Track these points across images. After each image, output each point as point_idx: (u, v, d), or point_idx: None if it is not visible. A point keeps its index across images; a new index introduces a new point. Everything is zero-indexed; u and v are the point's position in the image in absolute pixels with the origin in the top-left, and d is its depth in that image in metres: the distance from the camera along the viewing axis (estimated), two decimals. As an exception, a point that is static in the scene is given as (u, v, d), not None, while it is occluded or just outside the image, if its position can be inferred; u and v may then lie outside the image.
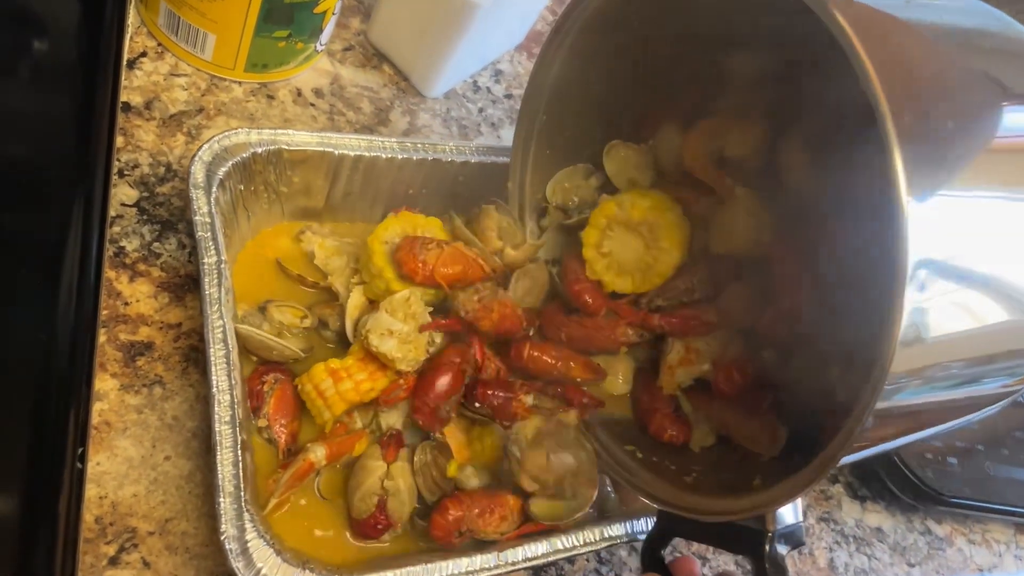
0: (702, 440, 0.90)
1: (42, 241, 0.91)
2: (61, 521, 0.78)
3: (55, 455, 0.81)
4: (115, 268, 0.90)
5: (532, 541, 0.84)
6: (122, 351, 0.87)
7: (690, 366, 0.91)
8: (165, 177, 0.98)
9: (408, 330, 0.88)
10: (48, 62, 1.02)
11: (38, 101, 0.99)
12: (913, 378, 0.57)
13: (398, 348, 0.87)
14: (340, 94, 1.15)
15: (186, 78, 1.06)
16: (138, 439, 0.83)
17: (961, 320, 0.58)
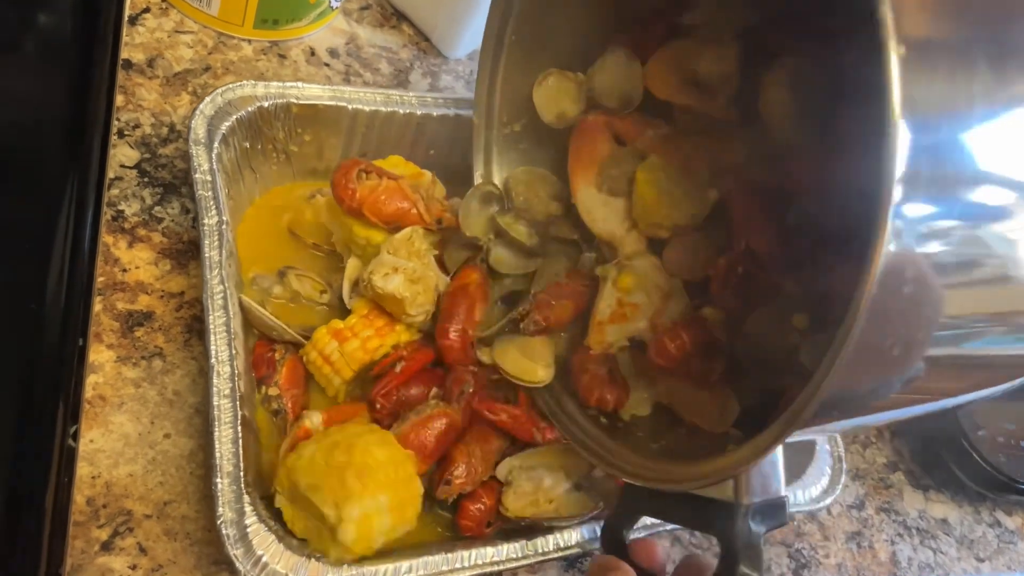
0: (635, 408, 0.78)
1: (33, 202, 0.85)
2: (49, 502, 0.72)
3: (44, 431, 0.74)
4: (113, 233, 0.84)
5: (565, 530, 0.76)
6: (119, 321, 0.80)
7: (623, 322, 0.78)
8: (168, 138, 0.91)
9: (415, 267, 0.80)
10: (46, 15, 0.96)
11: (34, 55, 0.93)
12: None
13: (406, 287, 0.79)
14: (356, 54, 1.08)
15: (191, 35, 0.99)
16: (135, 415, 0.77)
17: (958, 267, 0.46)
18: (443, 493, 0.75)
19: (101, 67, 0.92)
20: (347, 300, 0.85)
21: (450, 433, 0.76)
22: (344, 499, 0.68)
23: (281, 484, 0.72)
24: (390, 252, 0.81)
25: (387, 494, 0.70)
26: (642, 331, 0.77)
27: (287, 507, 0.71)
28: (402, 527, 0.72)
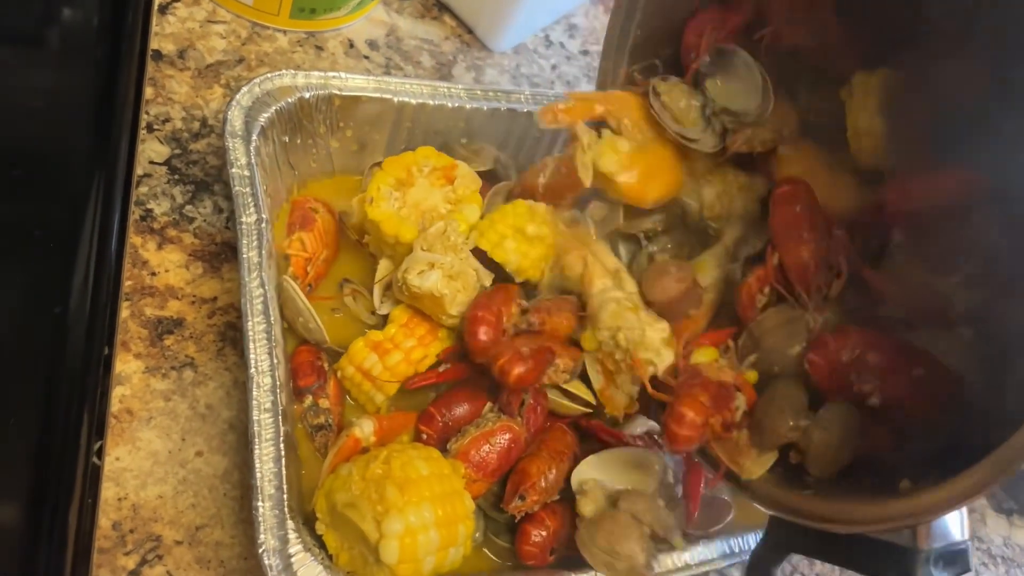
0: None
1: (58, 201, 0.79)
2: (72, 527, 0.65)
3: (67, 448, 0.68)
4: (141, 234, 0.78)
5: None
6: (148, 328, 0.74)
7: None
8: (200, 133, 0.85)
9: (452, 262, 0.73)
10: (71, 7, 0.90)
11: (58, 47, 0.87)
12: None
13: (445, 283, 0.72)
14: (397, 47, 1.02)
15: (224, 25, 0.93)
16: (165, 431, 0.70)
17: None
18: (516, 508, 0.68)
19: (129, 58, 0.86)
20: (378, 305, 0.79)
21: (514, 449, 0.69)
22: (384, 513, 0.61)
23: (320, 508, 0.65)
24: (424, 248, 0.74)
25: (432, 508, 0.63)
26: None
27: (330, 534, 0.65)
28: (453, 549, 0.64)
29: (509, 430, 0.69)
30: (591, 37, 1.16)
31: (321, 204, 0.82)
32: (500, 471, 0.69)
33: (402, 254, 0.78)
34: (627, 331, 0.71)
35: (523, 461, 0.70)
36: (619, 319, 0.72)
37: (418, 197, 0.79)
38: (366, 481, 0.63)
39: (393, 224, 0.77)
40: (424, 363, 0.76)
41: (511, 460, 0.69)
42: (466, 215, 0.79)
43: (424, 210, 0.79)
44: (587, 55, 1.14)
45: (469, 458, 0.67)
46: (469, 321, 0.73)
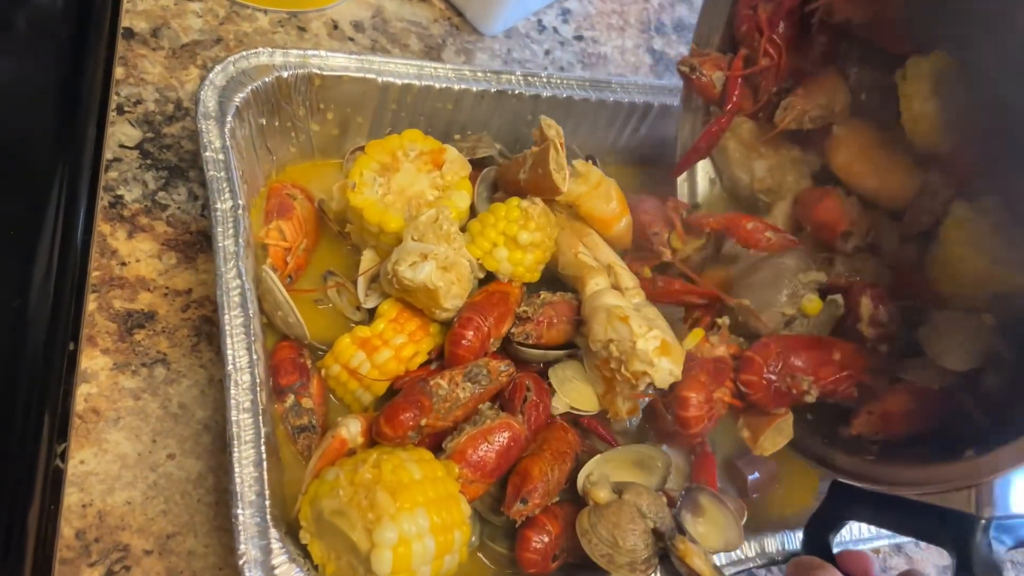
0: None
1: (19, 185, 0.74)
2: (31, 536, 0.61)
3: (26, 451, 0.63)
4: (110, 221, 0.73)
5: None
6: (117, 322, 0.69)
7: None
8: (174, 116, 0.80)
9: (446, 253, 0.69)
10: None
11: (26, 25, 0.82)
12: None
13: (439, 275, 0.67)
14: (383, 28, 0.97)
15: (201, 3, 0.88)
16: (134, 432, 0.66)
17: None
18: (517, 513, 0.63)
19: (98, 36, 0.81)
20: (362, 299, 0.74)
21: (513, 447, 0.64)
22: (375, 521, 0.56)
23: (305, 515, 0.60)
24: (415, 238, 0.69)
25: (427, 513, 0.58)
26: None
27: (315, 544, 0.60)
28: (448, 556, 0.60)
29: (509, 428, 0.64)
30: (585, 22, 1.12)
31: (300, 191, 0.77)
32: (499, 471, 0.64)
33: (387, 244, 0.73)
34: (618, 342, 0.67)
35: (524, 461, 0.65)
36: (610, 330, 0.68)
37: (404, 183, 0.74)
38: (355, 486, 0.58)
39: (377, 212, 0.72)
40: (415, 360, 0.71)
41: (511, 460, 0.65)
42: (455, 202, 0.74)
43: (410, 197, 0.74)
44: (581, 40, 1.10)
45: (466, 458, 0.62)
46: (459, 323, 0.69)
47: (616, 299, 0.71)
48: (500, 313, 0.71)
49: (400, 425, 0.62)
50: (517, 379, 0.69)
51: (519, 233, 0.73)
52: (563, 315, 0.74)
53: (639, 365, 0.66)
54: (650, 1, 1.21)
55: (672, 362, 0.68)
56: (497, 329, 0.71)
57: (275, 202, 0.75)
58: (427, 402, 0.63)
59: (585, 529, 0.64)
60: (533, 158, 0.76)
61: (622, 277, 0.75)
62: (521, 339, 0.71)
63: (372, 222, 0.72)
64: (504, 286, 0.74)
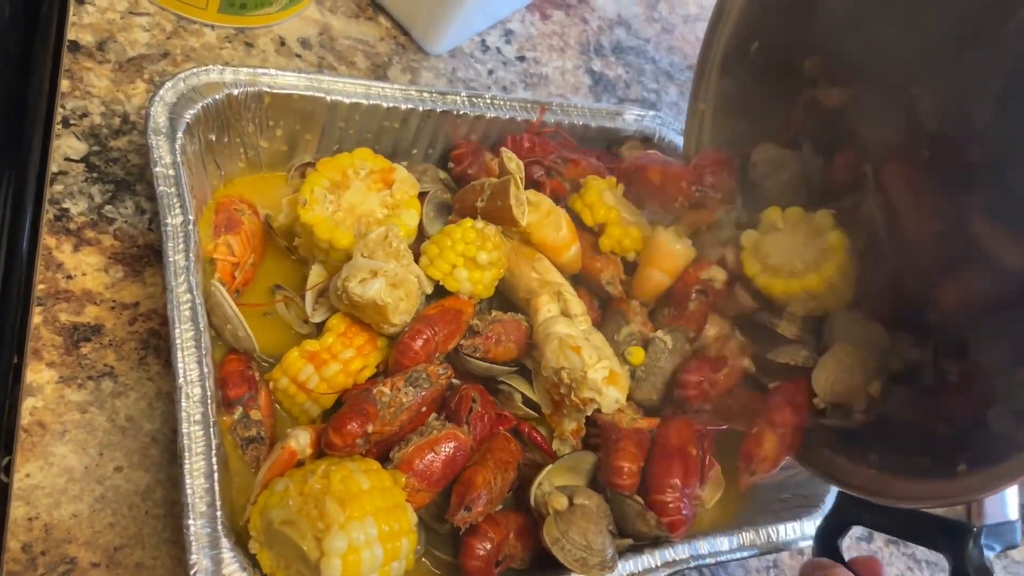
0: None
1: (-38, 198, 0.74)
2: (-24, 551, 0.61)
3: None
4: (56, 234, 0.73)
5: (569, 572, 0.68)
6: (63, 335, 0.69)
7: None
8: (121, 129, 0.81)
9: (395, 270, 0.71)
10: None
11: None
12: None
13: (388, 292, 0.69)
14: (331, 46, 0.99)
15: (148, 18, 0.88)
16: (81, 445, 0.66)
17: None
18: (461, 520, 0.65)
19: (44, 49, 0.82)
20: (310, 312, 0.75)
21: (459, 457, 0.67)
22: (325, 530, 0.58)
23: (254, 525, 0.61)
24: (365, 255, 0.71)
25: (375, 522, 0.60)
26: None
27: (264, 554, 0.61)
28: (396, 563, 0.62)
29: (455, 438, 0.67)
30: (527, 43, 1.15)
31: (247, 205, 0.78)
32: (444, 480, 0.66)
33: (336, 260, 0.75)
34: (569, 370, 0.71)
35: (468, 470, 0.68)
36: (562, 358, 0.72)
37: (354, 201, 0.76)
38: (304, 496, 0.60)
39: (327, 228, 0.73)
40: (363, 374, 0.73)
41: (456, 469, 0.67)
42: (404, 220, 0.76)
43: (360, 214, 0.76)
44: (523, 60, 1.13)
45: (413, 467, 0.64)
46: (409, 334, 0.71)
47: (567, 327, 0.75)
48: (451, 330, 0.74)
49: (348, 434, 0.64)
50: (463, 391, 0.71)
51: (478, 254, 0.76)
52: (511, 334, 0.76)
53: (588, 392, 0.71)
54: (589, 24, 1.25)
55: (618, 391, 0.73)
56: (444, 344, 0.73)
57: (223, 217, 0.76)
58: (372, 409, 0.65)
59: (556, 537, 0.66)
60: (492, 189, 0.79)
61: (571, 304, 0.79)
62: (469, 351, 0.74)
63: (323, 238, 0.73)
64: (458, 303, 0.76)
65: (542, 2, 1.20)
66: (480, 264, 0.75)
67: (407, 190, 0.78)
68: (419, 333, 0.71)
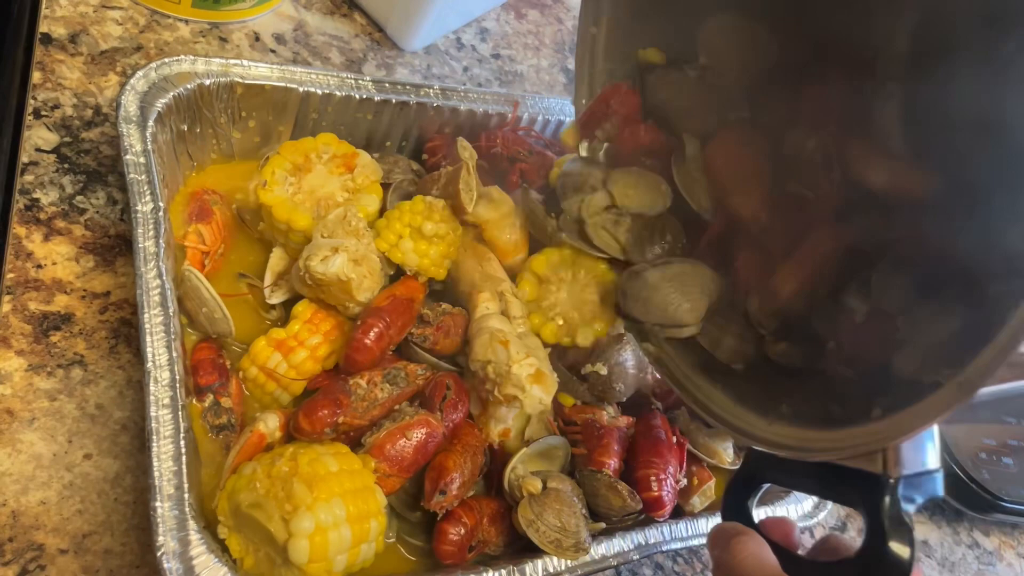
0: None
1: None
2: (-58, 539, 0.60)
3: (-63, 452, 0.63)
4: (25, 224, 0.73)
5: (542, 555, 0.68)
6: (32, 324, 0.69)
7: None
8: (93, 121, 0.81)
9: (356, 246, 0.71)
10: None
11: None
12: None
13: (351, 268, 0.69)
14: (305, 42, 0.99)
15: (121, 11, 0.89)
16: (50, 432, 0.65)
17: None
18: (437, 505, 0.65)
19: (16, 39, 0.82)
20: (268, 295, 0.75)
21: (430, 444, 0.67)
22: (292, 512, 0.58)
23: (222, 510, 0.61)
24: (325, 235, 0.71)
25: (343, 504, 0.60)
26: None
27: (233, 538, 0.61)
28: (365, 545, 0.61)
29: (427, 424, 0.67)
30: (502, 41, 1.16)
31: (219, 196, 0.78)
32: (415, 466, 0.66)
33: (295, 242, 0.75)
34: (495, 364, 0.70)
35: (438, 456, 0.68)
36: (489, 351, 0.71)
37: (314, 184, 0.76)
38: (272, 479, 0.60)
39: (285, 209, 0.74)
40: (331, 360, 0.73)
41: (427, 455, 0.67)
42: (364, 204, 0.77)
43: (320, 197, 0.76)
44: (498, 58, 1.14)
45: (384, 452, 0.64)
46: (361, 328, 0.70)
47: (501, 324, 0.74)
48: (404, 321, 0.73)
49: (318, 421, 0.64)
50: (438, 378, 0.71)
51: (423, 224, 0.75)
52: (458, 328, 0.76)
53: (512, 389, 0.69)
54: (564, 23, 1.26)
55: (543, 391, 0.70)
56: (398, 337, 0.73)
57: (195, 206, 0.76)
58: (345, 400, 0.65)
59: (531, 520, 0.67)
60: (446, 176, 0.79)
61: (512, 305, 0.78)
62: (419, 341, 0.73)
63: (280, 219, 0.74)
64: (409, 289, 0.75)
65: (517, 1, 1.21)
66: (425, 235, 0.75)
67: (369, 175, 0.78)
68: (371, 327, 0.70)
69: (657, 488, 0.73)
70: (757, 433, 0.64)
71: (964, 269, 0.54)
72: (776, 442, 0.61)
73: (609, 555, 0.70)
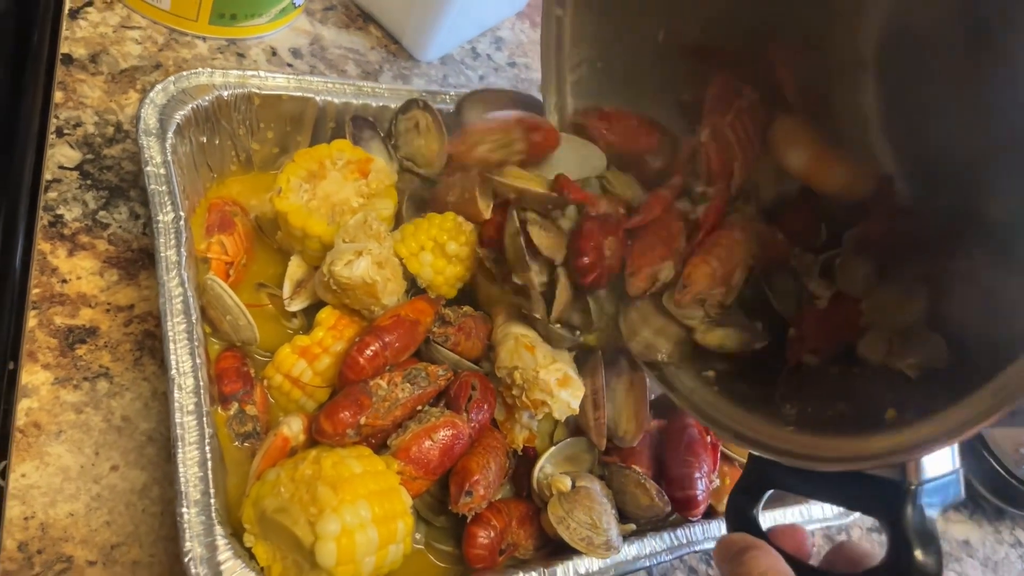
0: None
1: (-44, 205, 0.74)
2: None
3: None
4: (50, 240, 0.73)
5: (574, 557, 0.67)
6: (58, 337, 0.69)
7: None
8: (114, 138, 0.81)
9: (381, 251, 0.70)
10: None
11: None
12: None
13: (375, 270, 0.69)
14: (322, 55, 1.00)
15: (140, 31, 0.90)
16: (77, 444, 0.65)
17: None
18: (465, 507, 0.64)
19: (37, 61, 0.83)
20: (287, 303, 0.75)
21: (457, 445, 0.66)
22: (318, 514, 0.57)
23: (248, 517, 0.61)
24: (347, 240, 0.71)
25: (368, 505, 0.59)
26: None
27: (260, 546, 0.60)
28: (393, 546, 0.61)
29: (453, 426, 0.66)
30: (518, 50, 1.16)
31: (239, 208, 0.79)
32: (441, 468, 0.66)
33: (312, 249, 0.75)
34: (522, 370, 0.69)
35: (461, 460, 0.67)
36: (516, 357, 0.70)
37: (329, 190, 0.76)
38: (296, 483, 0.59)
39: (300, 216, 0.74)
40: (356, 367, 0.73)
41: (454, 457, 0.66)
42: (379, 209, 0.76)
43: (335, 203, 0.76)
44: (514, 67, 1.14)
45: (410, 455, 0.64)
46: (357, 346, 0.68)
47: (526, 329, 0.73)
48: (404, 343, 0.70)
49: (339, 422, 0.63)
50: (463, 378, 0.70)
51: (448, 243, 0.75)
52: (480, 331, 0.75)
53: (539, 394, 0.68)
54: (580, 31, 1.26)
55: (572, 395, 0.69)
56: (396, 357, 0.70)
57: (216, 217, 0.76)
58: (367, 401, 0.65)
59: (561, 517, 0.66)
60: (463, 182, 0.79)
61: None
62: (441, 340, 0.73)
63: (296, 226, 0.74)
64: (416, 311, 0.72)
65: (531, 10, 1.21)
66: (447, 253, 0.75)
67: (383, 180, 0.78)
68: (366, 345, 0.68)
69: (691, 487, 0.72)
70: (764, 440, 0.60)
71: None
72: (783, 450, 0.58)
73: (642, 555, 0.68)
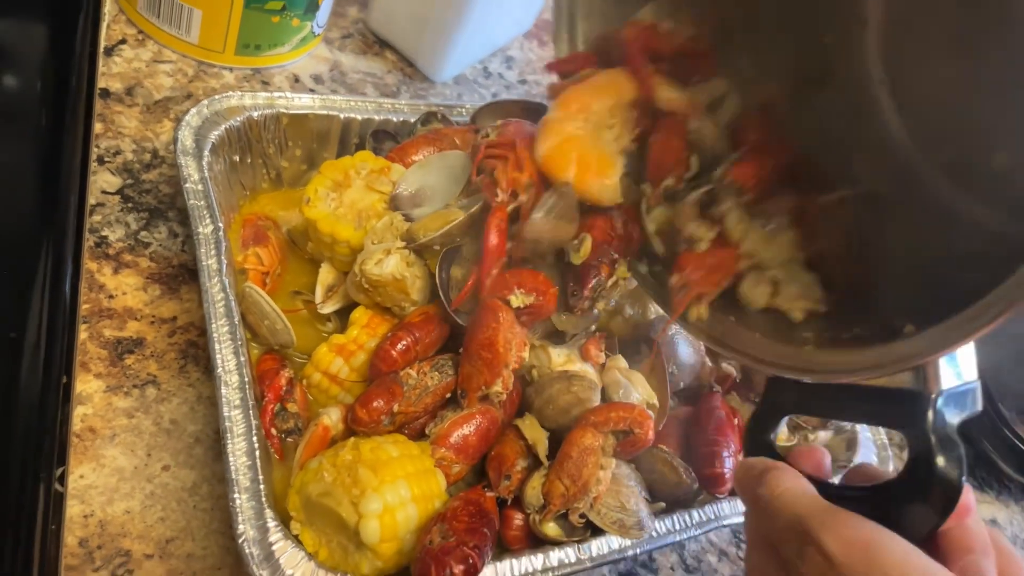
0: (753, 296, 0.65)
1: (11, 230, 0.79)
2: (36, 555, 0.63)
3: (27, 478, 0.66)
4: (96, 259, 0.78)
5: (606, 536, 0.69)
6: (107, 349, 0.73)
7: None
8: (151, 164, 0.86)
9: (407, 249, 0.74)
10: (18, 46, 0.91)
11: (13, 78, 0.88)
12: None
13: (404, 267, 0.72)
14: (342, 80, 1.04)
15: (171, 64, 0.95)
16: (130, 447, 0.69)
17: None
18: (506, 490, 0.68)
19: (77, 95, 0.88)
20: (320, 306, 0.79)
21: (492, 430, 0.69)
22: (360, 495, 0.60)
23: (294, 505, 0.64)
24: (375, 241, 0.75)
25: (407, 485, 0.62)
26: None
27: (306, 532, 0.63)
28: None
29: (487, 413, 0.69)
30: (527, 67, 1.21)
31: (272, 222, 0.83)
32: (479, 453, 0.69)
33: (341, 254, 0.78)
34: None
35: (495, 448, 0.70)
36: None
37: (354, 198, 0.80)
38: (337, 468, 0.62)
39: (328, 223, 0.77)
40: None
41: (489, 441, 0.69)
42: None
43: (360, 209, 0.80)
44: (525, 83, 1.19)
45: (449, 441, 0.67)
46: (390, 340, 0.72)
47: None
48: (433, 339, 0.74)
49: (374, 410, 0.67)
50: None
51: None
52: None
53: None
54: (587, 48, 1.30)
55: None
56: (426, 351, 0.74)
57: (251, 231, 0.80)
58: (399, 389, 0.68)
59: (593, 503, 0.68)
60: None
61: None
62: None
63: (325, 232, 0.77)
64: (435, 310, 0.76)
65: (538, 30, 1.26)
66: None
67: None
68: (399, 339, 0.72)
69: (719, 465, 0.74)
70: (781, 360, 0.59)
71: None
72: (801, 367, 0.57)
73: (674, 529, 0.71)
